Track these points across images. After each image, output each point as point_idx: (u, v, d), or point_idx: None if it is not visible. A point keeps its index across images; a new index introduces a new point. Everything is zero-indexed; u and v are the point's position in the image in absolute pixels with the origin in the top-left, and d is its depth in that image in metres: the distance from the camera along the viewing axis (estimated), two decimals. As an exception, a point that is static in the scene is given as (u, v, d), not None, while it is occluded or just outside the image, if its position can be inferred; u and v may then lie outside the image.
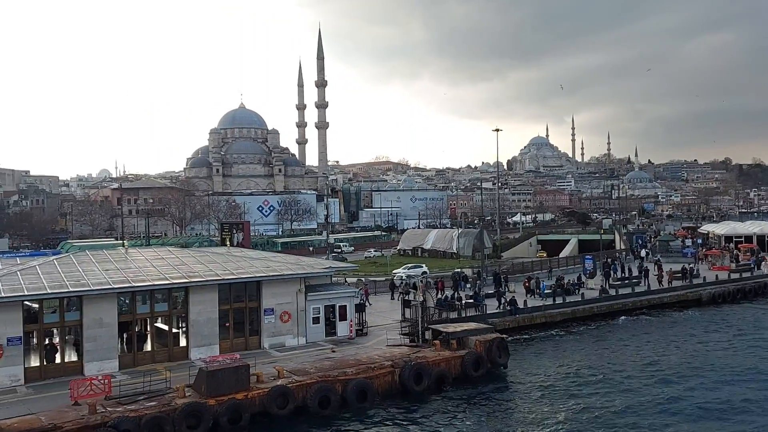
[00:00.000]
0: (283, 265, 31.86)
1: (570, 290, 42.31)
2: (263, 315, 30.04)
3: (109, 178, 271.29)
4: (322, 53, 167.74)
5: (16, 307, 24.43)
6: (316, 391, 23.35)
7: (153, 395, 22.03)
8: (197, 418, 21.08)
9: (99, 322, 26.00)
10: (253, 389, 22.73)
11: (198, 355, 27.87)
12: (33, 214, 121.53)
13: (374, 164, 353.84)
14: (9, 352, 24.20)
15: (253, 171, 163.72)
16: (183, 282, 27.91)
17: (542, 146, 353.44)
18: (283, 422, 22.48)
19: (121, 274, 27.56)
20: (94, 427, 19.56)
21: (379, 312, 38.12)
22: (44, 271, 27.08)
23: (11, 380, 24.21)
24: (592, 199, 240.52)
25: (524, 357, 31.11)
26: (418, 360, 26.25)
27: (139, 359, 27.16)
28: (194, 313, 28.29)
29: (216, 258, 31.84)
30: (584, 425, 22.26)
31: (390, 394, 25.17)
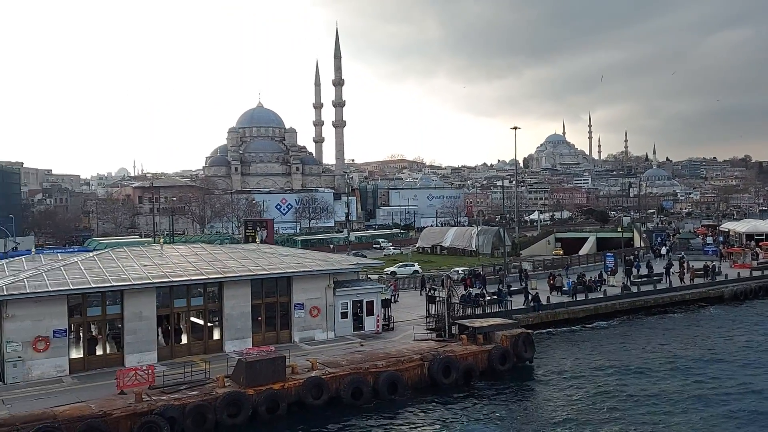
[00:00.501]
0: (312, 262, 32.72)
1: (592, 287, 42.77)
2: (293, 309, 30.92)
3: (128, 177, 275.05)
4: (339, 52, 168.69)
5: (61, 300, 25.54)
6: (349, 382, 24.17)
7: (194, 385, 23.00)
8: (237, 407, 21.99)
9: (139, 315, 27.05)
10: (289, 380, 23.60)
11: (232, 348, 28.91)
12: (57, 212, 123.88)
13: (389, 162, 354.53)
14: (55, 343, 25.31)
15: (271, 169, 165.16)
16: (218, 277, 28.88)
17: (559, 144, 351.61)
18: (318, 412, 23.30)
19: (159, 270, 28.60)
20: (142, 415, 20.54)
21: (403, 308, 38.85)
22: (86, 266, 28.19)
23: (57, 371, 25.32)
24: (609, 197, 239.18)
25: (549, 352, 31.69)
26: (446, 354, 26.95)
27: (176, 351, 28.15)
28: (228, 307, 29.26)
29: (248, 254, 32.78)
30: (609, 419, 22.77)
31: (419, 387, 25.90)
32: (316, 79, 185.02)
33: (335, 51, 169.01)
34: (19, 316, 24.67)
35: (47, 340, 25.12)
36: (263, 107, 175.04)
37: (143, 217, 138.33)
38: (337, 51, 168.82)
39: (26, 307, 24.77)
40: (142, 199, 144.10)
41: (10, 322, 24.55)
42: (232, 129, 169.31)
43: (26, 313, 24.77)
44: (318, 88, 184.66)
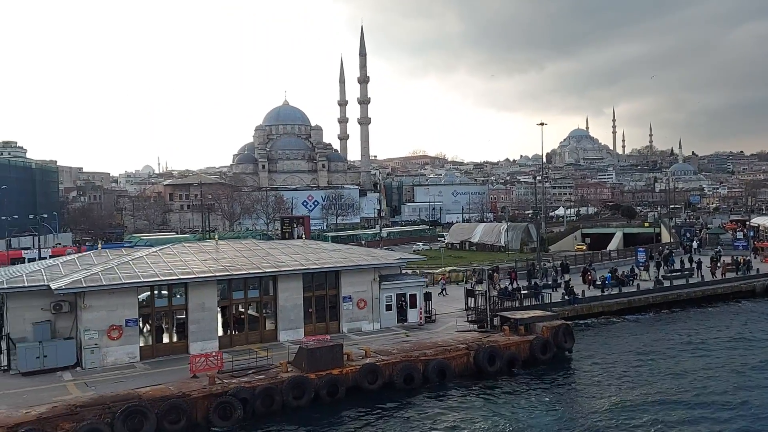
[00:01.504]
0: (358, 257, 34.40)
1: (624, 281, 43.81)
2: (342, 302, 32.63)
3: (155, 174, 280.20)
4: (364, 50, 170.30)
5: (132, 292, 27.58)
6: (401, 369, 25.80)
7: (260, 370, 24.83)
8: (301, 390, 23.75)
9: (202, 306, 28.98)
10: (346, 366, 25.29)
11: (285, 338, 30.73)
12: (92, 209, 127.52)
13: (411, 158, 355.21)
14: (127, 332, 27.34)
15: (297, 167, 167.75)
16: (273, 271, 30.69)
17: (582, 138, 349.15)
18: (374, 396, 24.94)
19: (218, 264, 30.51)
20: (217, 396, 22.40)
21: (441, 302, 40.33)
22: (152, 260, 30.19)
23: (129, 357, 27.35)
24: (634, 193, 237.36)
25: (586, 342, 32.96)
26: (490, 344, 28.44)
27: (235, 340, 30.05)
28: (282, 299, 31.08)
29: (297, 250, 34.55)
30: (646, 406, 23.86)
31: (465, 374, 27.42)
32: (341, 76, 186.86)
33: (360, 48, 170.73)
34: (96, 306, 26.73)
35: (120, 329, 27.15)
36: (289, 105, 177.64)
37: (174, 213, 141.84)
38: (362, 48, 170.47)
39: (102, 298, 26.82)
40: (172, 196, 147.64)
41: (87, 312, 26.62)
42: (258, 127, 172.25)
43: (101, 304, 26.82)
44: (342, 86, 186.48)
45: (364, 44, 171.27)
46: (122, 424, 20.46)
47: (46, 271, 28.81)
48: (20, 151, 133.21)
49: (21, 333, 26.98)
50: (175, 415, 21.44)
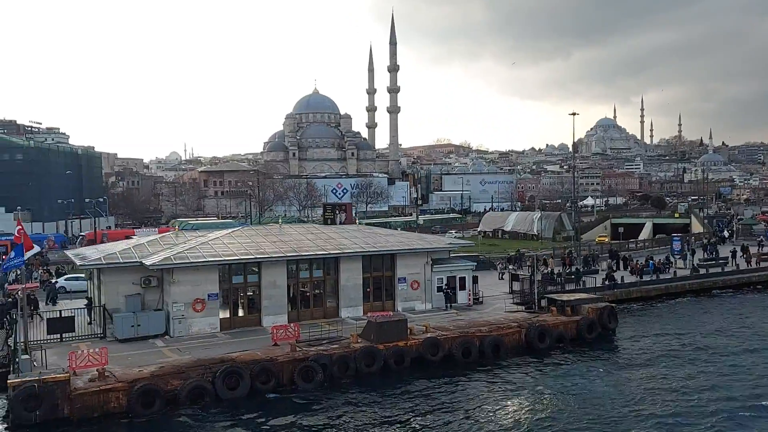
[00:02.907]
0: (411, 241, 36.82)
1: (661, 269, 45.62)
2: (397, 283, 35.09)
3: (185, 161, 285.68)
4: (394, 38, 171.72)
5: (214, 269, 30.38)
6: (459, 343, 28.22)
7: (333, 340, 27.47)
8: (372, 359, 26.31)
9: (273, 284, 31.70)
10: (410, 339, 27.78)
11: (346, 314, 33.33)
12: (132, 194, 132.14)
13: (436, 147, 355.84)
14: (209, 305, 30.18)
15: (326, 155, 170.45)
16: (336, 253, 33.25)
17: (609, 128, 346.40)
18: (435, 367, 27.39)
19: (287, 245, 33.16)
20: (300, 361, 25.07)
21: (483, 286, 42.54)
22: (227, 241, 32.97)
23: (210, 328, 30.18)
24: (662, 183, 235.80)
25: (628, 324, 35.03)
26: (540, 323, 30.71)
27: (302, 315, 32.64)
28: (344, 279, 33.63)
29: (356, 234, 37.05)
30: (685, 382, 25.63)
31: (517, 350, 29.74)
32: (370, 65, 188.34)
33: (390, 37, 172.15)
34: (182, 281, 29.58)
35: (203, 302, 29.99)
36: (319, 93, 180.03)
37: (209, 199, 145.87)
38: (393, 37, 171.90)
39: (188, 274, 29.65)
40: (207, 182, 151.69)
41: (175, 287, 29.49)
42: (289, 115, 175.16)
43: (188, 279, 29.66)
44: (371, 74, 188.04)
45: (395, 33, 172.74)
46: (222, 382, 23.24)
47: (135, 249, 31.76)
48: (63, 137, 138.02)
49: (115, 304, 29.97)
50: (265, 377, 24.17)
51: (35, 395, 20.44)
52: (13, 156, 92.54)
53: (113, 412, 21.76)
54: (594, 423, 21.36)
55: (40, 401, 20.51)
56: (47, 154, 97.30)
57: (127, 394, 21.79)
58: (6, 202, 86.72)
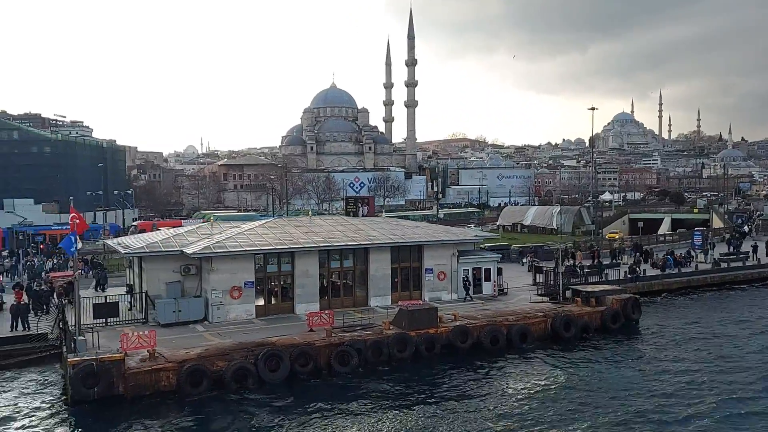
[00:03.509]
0: (438, 233, 37.78)
1: (682, 263, 46.20)
2: (424, 273, 36.10)
3: (202, 154, 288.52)
4: (412, 32, 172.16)
5: (250, 258, 31.61)
6: (487, 331, 29.19)
7: (366, 327, 28.58)
8: (404, 345, 27.38)
9: (306, 273, 32.87)
10: (440, 327, 28.81)
11: (375, 303, 34.41)
12: (154, 187, 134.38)
13: (451, 141, 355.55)
14: (246, 292, 31.43)
15: (344, 149, 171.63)
16: (366, 243, 34.30)
17: (627, 123, 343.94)
18: (464, 353, 28.39)
19: (318, 236, 34.28)
20: (336, 345, 26.21)
21: (506, 278, 43.38)
22: (261, 232, 34.18)
23: (247, 314, 31.44)
24: (680, 178, 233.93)
25: (651, 315, 35.77)
26: (565, 312, 31.59)
27: (332, 303, 33.75)
28: (373, 269, 34.70)
29: (383, 225, 38.09)
30: (707, 371, 26.34)
31: (543, 339, 30.64)
32: (387, 59, 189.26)
33: (409, 31, 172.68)
34: (221, 269, 30.85)
35: (240, 289, 31.24)
36: (336, 88, 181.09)
37: (229, 192, 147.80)
38: (411, 31, 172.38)
39: (226, 263, 30.91)
40: (226, 176, 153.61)
41: (214, 274, 30.77)
42: (307, 109, 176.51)
43: (226, 267, 30.93)
44: (388, 68, 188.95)
45: (413, 27, 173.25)
46: (263, 364, 24.45)
47: (174, 239, 33.09)
48: (87, 130, 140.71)
49: (156, 291, 31.32)
50: (303, 360, 25.34)
51: (93, 373, 21.80)
52: (42, 149, 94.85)
53: (164, 390, 23.08)
54: (618, 409, 22.20)
55: (97, 379, 21.86)
56: (74, 147, 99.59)
57: (177, 374, 23.09)
58: (35, 194, 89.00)
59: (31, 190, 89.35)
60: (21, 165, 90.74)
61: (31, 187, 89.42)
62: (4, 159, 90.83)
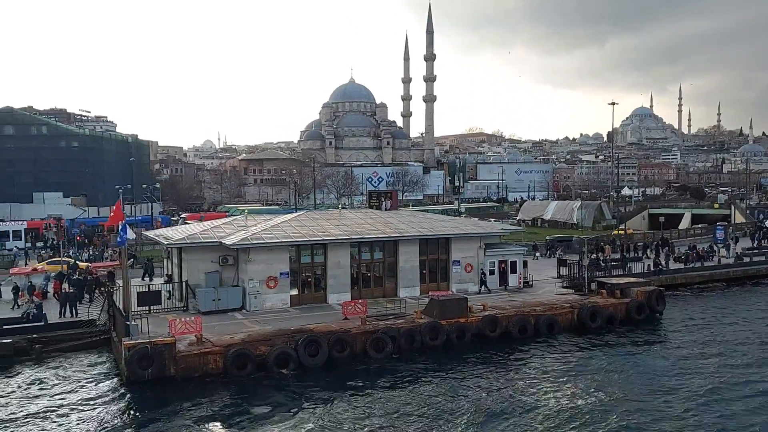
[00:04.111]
0: (465, 226, 38.74)
1: (704, 257, 46.71)
2: (452, 265, 37.09)
3: (220, 149, 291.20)
4: (431, 27, 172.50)
5: (285, 249, 32.84)
6: (516, 321, 30.15)
7: (398, 316, 29.67)
8: (436, 333, 28.44)
9: (338, 264, 34.03)
10: (470, 316, 29.82)
11: (404, 294, 35.47)
12: (176, 181, 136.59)
13: (468, 136, 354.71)
14: (281, 282, 32.68)
15: (362, 143, 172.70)
16: (396, 236, 35.37)
17: (645, 117, 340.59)
18: (493, 342, 29.38)
19: (350, 229, 35.40)
20: (371, 333, 27.34)
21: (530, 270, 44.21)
22: (295, 225, 35.39)
23: (282, 303, 32.69)
24: (700, 174, 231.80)
25: (675, 307, 36.46)
26: (591, 304, 32.42)
27: (363, 294, 34.85)
28: (402, 261, 35.76)
29: (411, 219, 39.13)
30: (729, 361, 27.07)
31: (570, 329, 31.52)
32: (405, 54, 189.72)
33: (427, 26, 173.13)
34: (258, 260, 32.12)
35: (276, 279, 32.49)
36: (355, 83, 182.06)
37: (249, 187, 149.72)
38: (430, 26, 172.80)
39: (262, 254, 32.17)
40: (247, 170, 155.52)
41: (251, 265, 32.04)
42: (326, 104, 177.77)
43: (262, 258, 32.19)
44: (407, 63, 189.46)
45: (432, 22, 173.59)
46: (303, 349, 25.65)
47: (213, 231, 34.41)
48: (111, 125, 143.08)
49: (195, 281, 32.65)
50: (340, 346, 26.51)
51: (147, 355, 23.15)
52: (70, 143, 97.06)
53: (211, 372, 24.39)
54: (643, 397, 22.97)
55: (151, 361, 23.21)
56: (100, 142, 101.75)
57: (223, 357, 24.38)
58: (64, 188, 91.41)
59: (60, 183, 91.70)
60: (50, 159, 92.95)
61: (59, 180, 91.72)
62: (33, 153, 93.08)
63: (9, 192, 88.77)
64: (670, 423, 20.55)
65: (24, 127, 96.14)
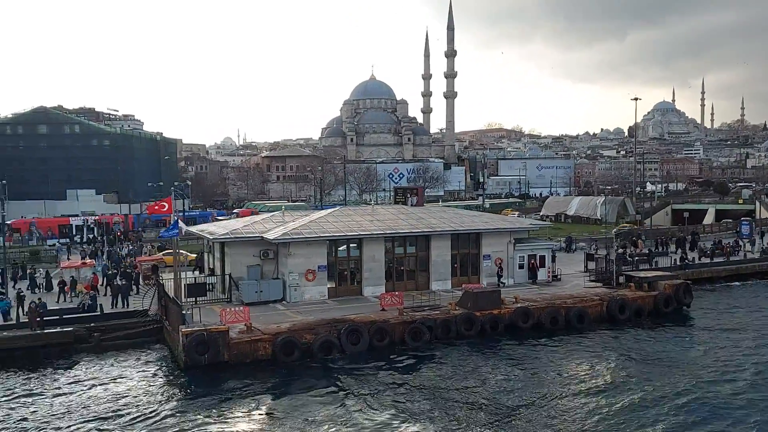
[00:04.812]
0: (495, 222, 39.86)
1: (730, 252, 47.27)
2: (482, 260, 38.24)
3: (241, 146, 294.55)
4: (452, 23, 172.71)
5: (323, 244, 34.28)
6: (547, 312, 31.26)
7: (434, 307, 30.96)
8: (470, 324, 29.68)
9: (373, 258, 35.37)
10: (503, 308, 30.99)
11: (436, 287, 36.67)
12: (201, 179, 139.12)
13: (487, 131, 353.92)
14: (319, 275, 34.13)
15: (383, 140, 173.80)
16: (428, 231, 36.62)
17: (667, 112, 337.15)
18: (526, 333, 30.52)
19: (384, 224, 36.73)
20: (409, 323, 28.67)
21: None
22: (331, 220, 36.81)
23: (320, 295, 34.15)
24: (723, 168, 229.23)
25: (702, 301, 37.24)
26: (620, 296, 33.39)
27: (397, 287, 36.14)
28: (434, 255, 37.00)
29: (442, 214, 40.35)
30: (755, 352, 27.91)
31: (599, 320, 32.53)
32: (425, 50, 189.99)
33: (448, 23, 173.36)
34: (297, 254, 33.61)
35: (314, 272, 33.95)
36: (376, 80, 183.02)
37: (272, 184, 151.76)
38: (451, 22, 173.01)
39: (302, 248, 33.66)
40: (270, 167, 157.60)
41: (291, 258, 33.54)
42: (347, 101, 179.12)
43: (301, 252, 33.67)
44: (427, 60, 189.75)
45: (453, 18, 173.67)
46: (346, 338, 27.09)
47: (253, 226, 35.99)
48: (138, 123, 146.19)
49: (238, 273, 34.24)
50: (380, 335, 27.90)
51: (204, 342, 24.75)
52: (101, 142, 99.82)
53: (261, 359, 25.94)
54: (669, 385, 23.88)
55: (207, 347, 24.81)
56: (130, 140, 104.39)
57: (272, 345, 25.91)
58: (96, 185, 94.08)
59: (92, 181, 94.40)
60: (82, 157, 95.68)
61: (92, 178, 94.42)
62: (66, 152, 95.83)
63: (43, 189, 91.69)
64: (706, 409, 21.50)
65: (57, 127, 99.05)
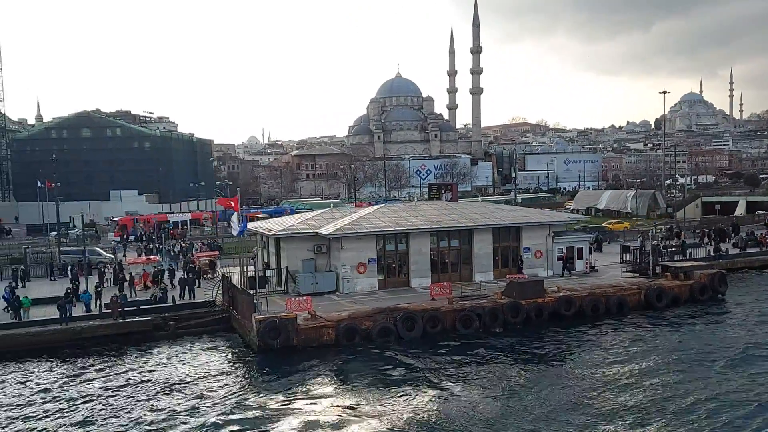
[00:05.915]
0: (534, 215, 41.65)
1: (763, 242, 48.31)
2: (522, 252, 40.08)
3: (267, 144, 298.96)
4: (477, 20, 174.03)
5: (373, 238, 36.49)
6: (588, 301, 33.03)
7: (481, 297, 32.96)
8: (516, 311, 31.61)
9: (419, 251, 37.48)
10: (546, 297, 32.85)
11: (479, 278, 38.59)
12: (235, 178, 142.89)
13: (511, 126, 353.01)
14: (370, 268, 36.35)
15: (410, 137, 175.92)
16: (471, 225, 38.58)
17: (695, 103, 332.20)
18: (568, 320, 32.34)
19: (429, 219, 38.78)
20: (459, 311, 30.73)
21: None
22: (377, 216, 39.00)
23: (370, 287, 36.35)
24: (754, 160, 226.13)
25: (737, 290, 38.58)
26: (657, 285, 34.99)
27: (441, 278, 38.13)
28: (477, 248, 38.94)
29: (483, 209, 42.26)
30: None
31: (638, 308, 34.18)
32: (450, 47, 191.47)
33: (474, 19, 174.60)
34: (349, 248, 35.87)
35: (365, 265, 36.18)
36: (402, 77, 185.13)
37: (302, 182, 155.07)
38: (476, 19, 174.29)
39: (353, 242, 35.90)
40: (299, 165, 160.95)
41: (344, 252, 35.82)
42: (373, 99, 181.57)
43: (353, 246, 35.92)
44: (452, 56, 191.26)
45: (478, 15, 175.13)
46: (402, 324, 29.28)
47: (306, 223, 38.37)
48: (173, 125, 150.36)
49: (293, 267, 36.64)
50: (433, 323, 30.01)
51: (275, 328, 27.17)
52: (142, 144, 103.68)
53: (325, 343, 28.28)
54: (709, 362, 25.59)
55: (278, 332, 27.23)
56: (169, 142, 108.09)
57: (335, 331, 28.21)
58: (138, 186, 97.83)
59: (134, 182, 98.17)
60: (125, 159, 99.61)
61: (133, 179, 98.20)
62: (109, 154, 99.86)
63: (87, 190, 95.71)
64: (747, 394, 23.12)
65: (100, 130, 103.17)
